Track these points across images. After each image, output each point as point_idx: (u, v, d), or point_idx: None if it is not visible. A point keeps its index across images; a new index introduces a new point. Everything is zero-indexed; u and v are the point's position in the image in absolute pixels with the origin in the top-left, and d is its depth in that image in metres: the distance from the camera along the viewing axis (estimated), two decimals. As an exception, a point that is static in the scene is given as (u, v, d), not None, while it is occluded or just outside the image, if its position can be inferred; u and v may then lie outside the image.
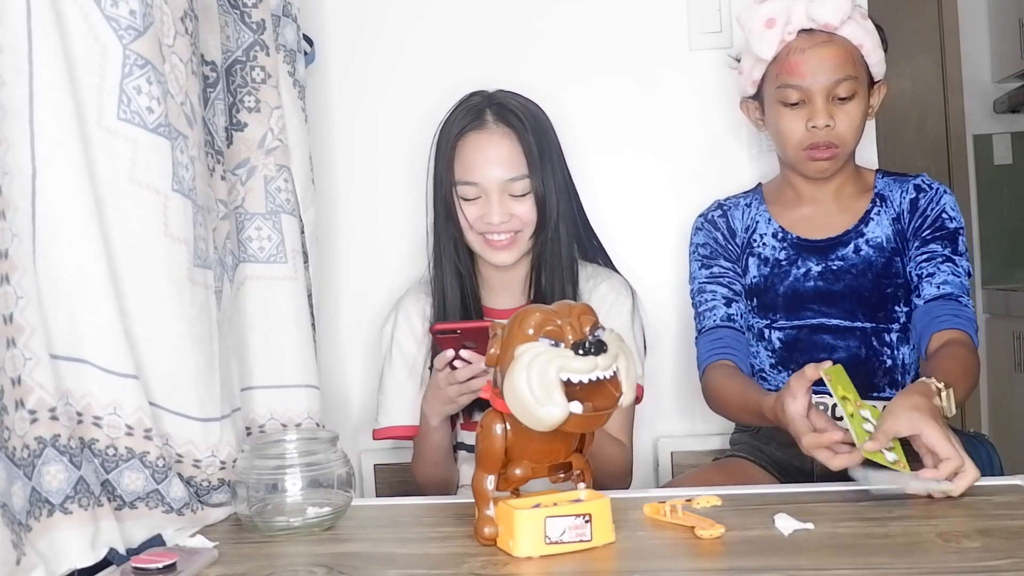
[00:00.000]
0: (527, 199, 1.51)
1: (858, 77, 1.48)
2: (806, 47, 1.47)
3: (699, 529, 1.03)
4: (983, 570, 0.89)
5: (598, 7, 1.82)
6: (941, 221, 1.50)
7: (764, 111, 1.56)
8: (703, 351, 1.55)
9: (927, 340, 1.42)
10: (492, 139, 1.50)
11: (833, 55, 1.47)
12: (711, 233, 1.61)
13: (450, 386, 1.40)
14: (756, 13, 1.51)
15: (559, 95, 1.76)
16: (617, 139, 1.83)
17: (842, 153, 1.50)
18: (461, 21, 1.83)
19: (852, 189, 1.57)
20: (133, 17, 1.06)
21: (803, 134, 1.49)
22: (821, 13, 1.46)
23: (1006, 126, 3.68)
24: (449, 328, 1.38)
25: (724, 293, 1.56)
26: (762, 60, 1.52)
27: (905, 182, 1.55)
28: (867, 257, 1.52)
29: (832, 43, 1.47)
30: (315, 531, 1.14)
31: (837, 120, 1.47)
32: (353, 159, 1.86)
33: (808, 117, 1.47)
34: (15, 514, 0.92)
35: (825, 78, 1.46)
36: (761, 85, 1.55)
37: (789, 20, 1.48)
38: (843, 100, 1.47)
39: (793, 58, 1.48)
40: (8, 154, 0.97)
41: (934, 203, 1.51)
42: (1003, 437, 3.03)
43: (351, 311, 1.85)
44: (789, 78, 1.48)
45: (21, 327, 0.94)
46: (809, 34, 1.48)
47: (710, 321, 1.55)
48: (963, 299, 1.45)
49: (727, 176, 1.77)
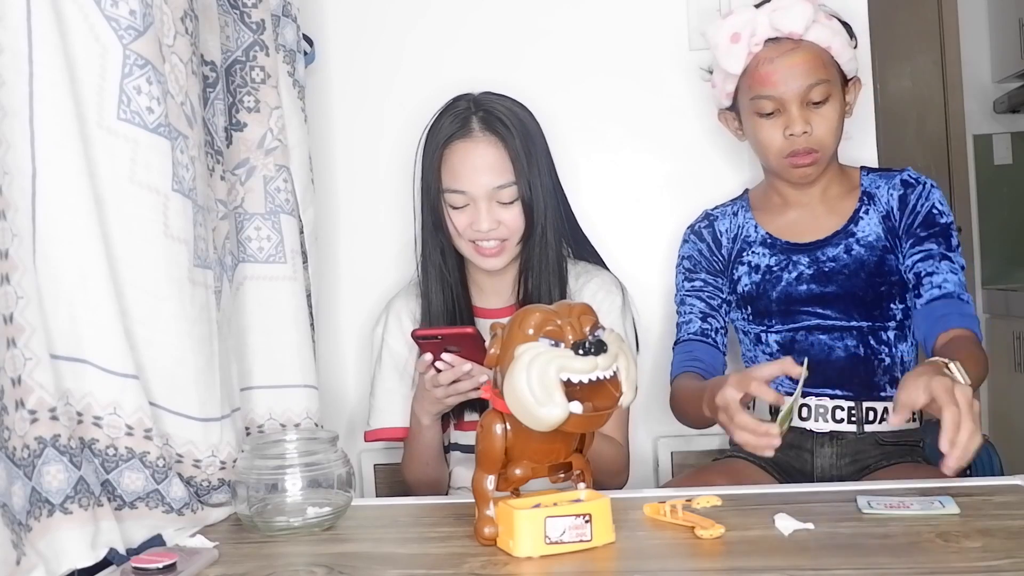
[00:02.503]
0: (515, 205, 1.51)
1: (830, 79, 1.48)
2: (774, 56, 1.47)
3: (699, 529, 1.03)
4: (983, 570, 0.89)
5: (599, 8, 1.82)
6: (932, 217, 1.49)
7: (741, 122, 1.57)
8: (675, 362, 1.58)
9: (933, 340, 1.42)
10: (479, 147, 1.50)
11: (802, 61, 1.47)
12: (696, 245, 1.62)
13: (435, 388, 1.41)
14: (720, 29, 1.51)
15: (559, 95, 1.77)
16: (617, 139, 1.83)
17: (823, 157, 1.50)
18: (461, 21, 1.83)
19: (838, 190, 1.57)
20: (133, 17, 1.06)
21: (782, 143, 1.49)
22: (785, 22, 1.46)
23: (1006, 126, 3.67)
24: (430, 334, 1.40)
25: (701, 308, 1.58)
26: (732, 74, 1.52)
27: (891, 177, 1.54)
28: (859, 256, 1.51)
29: (799, 49, 1.47)
30: (315, 531, 1.14)
31: (814, 125, 1.47)
32: (353, 159, 1.85)
33: (785, 125, 1.47)
34: (15, 514, 0.92)
35: (797, 85, 1.46)
36: (736, 96, 1.56)
37: (754, 32, 1.48)
38: (818, 104, 1.47)
39: (763, 69, 1.48)
40: (8, 154, 0.97)
41: (923, 199, 1.50)
42: (1003, 437, 3.02)
43: (350, 311, 1.85)
44: (761, 89, 1.48)
45: (21, 327, 0.94)
46: (776, 43, 1.48)
47: (684, 334, 1.58)
48: (964, 296, 1.45)
49: (727, 176, 1.77)
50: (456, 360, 1.37)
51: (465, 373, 1.37)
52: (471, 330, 1.37)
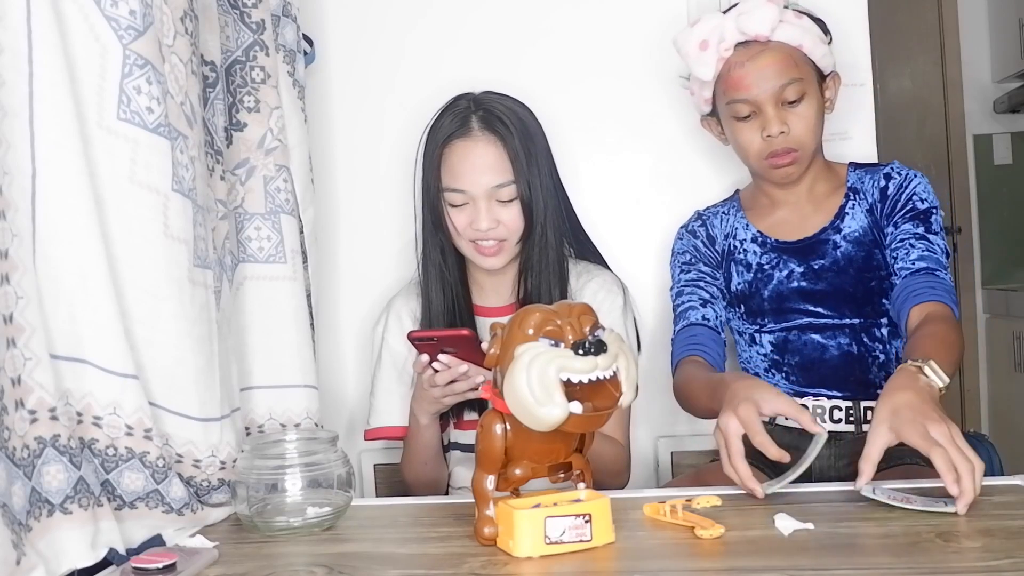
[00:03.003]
0: (514, 205, 1.51)
1: (803, 78, 1.48)
2: (744, 60, 1.48)
3: (699, 529, 1.03)
4: (983, 570, 0.89)
5: (599, 8, 1.82)
6: (912, 203, 1.49)
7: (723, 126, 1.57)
8: (676, 348, 1.57)
9: (905, 315, 1.40)
10: (478, 146, 1.50)
11: (773, 62, 1.47)
12: (691, 241, 1.62)
13: (432, 388, 1.41)
14: (689, 37, 1.52)
15: (559, 95, 1.76)
16: (617, 140, 1.83)
17: (803, 156, 1.50)
18: (461, 21, 1.83)
19: (824, 187, 1.57)
20: (133, 17, 1.06)
21: (760, 144, 1.49)
22: (751, 25, 1.47)
23: (1006, 126, 3.67)
24: (426, 336, 1.40)
25: (701, 296, 1.58)
26: (706, 81, 1.52)
27: (875, 172, 1.54)
28: (846, 253, 1.51)
29: (768, 50, 1.47)
30: (315, 531, 1.14)
31: (791, 124, 1.47)
32: (353, 159, 1.85)
33: (762, 127, 1.48)
34: (15, 514, 0.92)
35: (770, 86, 1.46)
36: (714, 102, 1.56)
37: (722, 37, 1.49)
38: (793, 103, 1.47)
39: (735, 73, 1.48)
40: (8, 154, 0.97)
41: (904, 188, 1.50)
42: (1003, 437, 3.02)
43: (350, 311, 1.84)
44: (735, 93, 1.49)
45: (21, 327, 0.94)
46: (745, 46, 1.48)
47: (685, 320, 1.57)
48: (939, 272, 1.43)
49: (727, 176, 1.77)
50: (453, 361, 1.37)
51: (462, 374, 1.38)
52: (467, 332, 1.37)
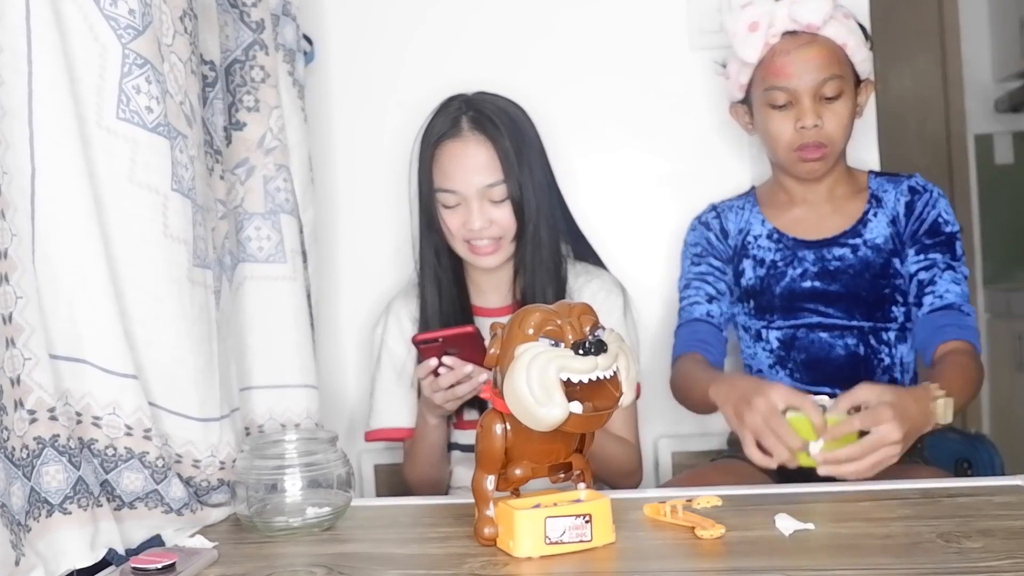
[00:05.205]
0: (506, 204, 1.51)
1: (844, 76, 1.49)
2: (790, 49, 1.48)
3: (699, 529, 1.03)
4: (984, 570, 0.88)
5: (600, 8, 1.82)
6: (938, 226, 1.50)
7: (753, 115, 1.57)
8: (678, 342, 1.58)
9: (931, 352, 1.43)
10: (468, 147, 1.50)
11: (817, 55, 1.47)
12: (704, 233, 1.63)
13: (435, 393, 1.41)
14: (739, 18, 1.52)
15: (560, 95, 1.77)
16: (617, 140, 1.83)
17: (831, 153, 1.50)
18: (462, 21, 1.83)
19: (845, 190, 1.57)
20: (132, 16, 1.06)
21: (792, 135, 1.49)
22: (803, 14, 1.47)
23: (1007, 125, 3.67)
24: (430, 337, 1.40)
25: (708, 291, 1.59)
26: (748, 64, 1.53)
27: (899, 183, 1.55)
28: (865, 258, 1.52)
29: (816, 43, 1.48)
30: (315, 531, 1.14)
31: (825, 119, 1.48)
32: (353, 159, 1.86)
33: (796, 118, 1.48)
34: (14, 514, 0.91)
35: (811, 78, 1.47)
36: (748, 89, 1.56)
37: (772, 23, 1.49)
38: (830, 100, 1.48)
39: (778, 60, 1.49)
40: (8, 154, 0.96)
41: (930, 207, 1.52)
42: (1004, 437, 3.02)
43: (350, 311, 1.85)
44: (775, 80, 1.49)
45: (20, 327, 0.94)
46: (793, 36, 1.49)
47: (689, 315, 1.58)
48: (965, 307, 1.47)
49: (727, 177, 1.77)
50: (456, 362, 1.38)
51: (466, 375, 1.38)
52: (471, 329, 1.37)
